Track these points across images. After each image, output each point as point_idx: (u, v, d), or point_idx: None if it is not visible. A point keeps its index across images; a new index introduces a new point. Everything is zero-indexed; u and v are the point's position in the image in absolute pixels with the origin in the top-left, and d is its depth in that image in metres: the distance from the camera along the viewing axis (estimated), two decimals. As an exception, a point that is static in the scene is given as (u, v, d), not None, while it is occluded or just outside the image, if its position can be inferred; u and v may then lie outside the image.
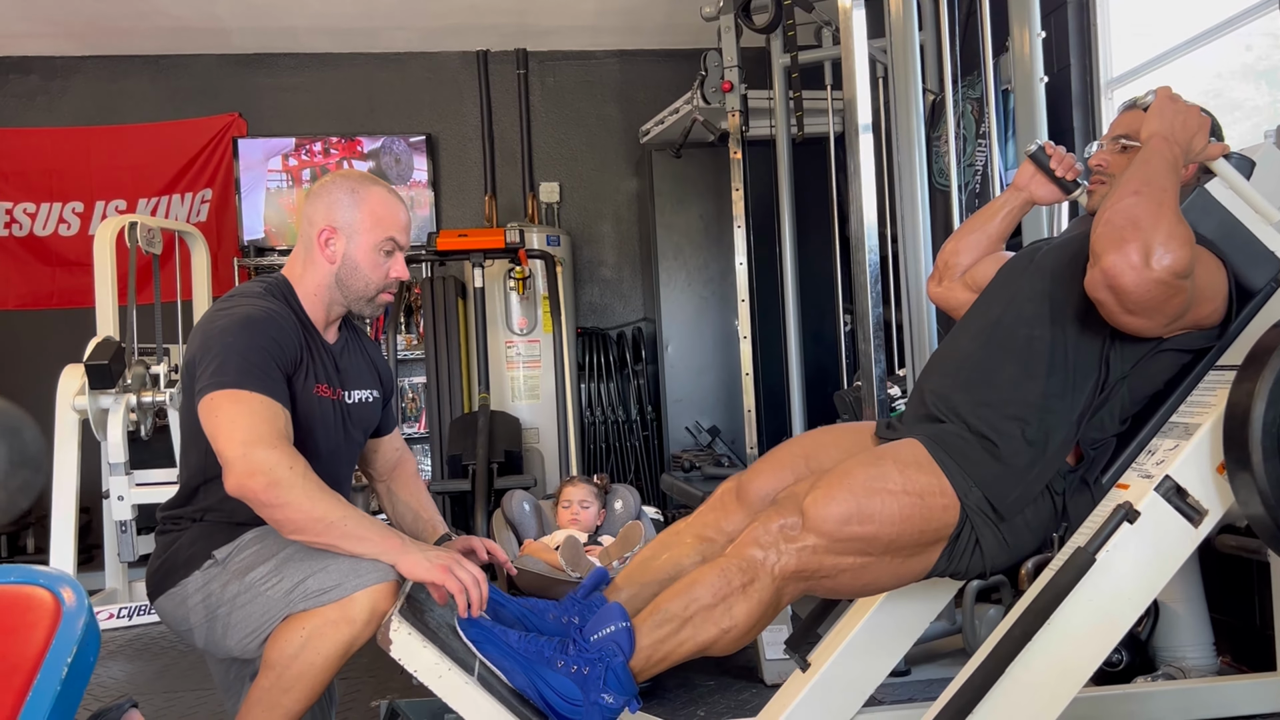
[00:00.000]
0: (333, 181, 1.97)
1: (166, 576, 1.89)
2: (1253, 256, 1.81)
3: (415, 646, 1.61)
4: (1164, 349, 1.76)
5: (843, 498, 1.66)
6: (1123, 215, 1.59)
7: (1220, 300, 1.75)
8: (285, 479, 1.67)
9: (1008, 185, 3.49)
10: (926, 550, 1.73)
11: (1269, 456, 1.55)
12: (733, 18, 4.49)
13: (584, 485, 3.27)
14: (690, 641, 1.67)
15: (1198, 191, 1.82)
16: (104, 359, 3.74)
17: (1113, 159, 1.97)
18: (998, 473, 1.73)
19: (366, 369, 2.09)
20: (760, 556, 1.66)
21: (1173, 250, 1.54)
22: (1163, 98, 1.79)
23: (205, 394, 1.75)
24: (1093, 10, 3.66)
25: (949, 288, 2.26)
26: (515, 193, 6.14)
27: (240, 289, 1.98)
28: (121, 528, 3.82)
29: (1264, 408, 1.56)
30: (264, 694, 1.71)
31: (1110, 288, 1.58)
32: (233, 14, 5.43)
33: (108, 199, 5.81)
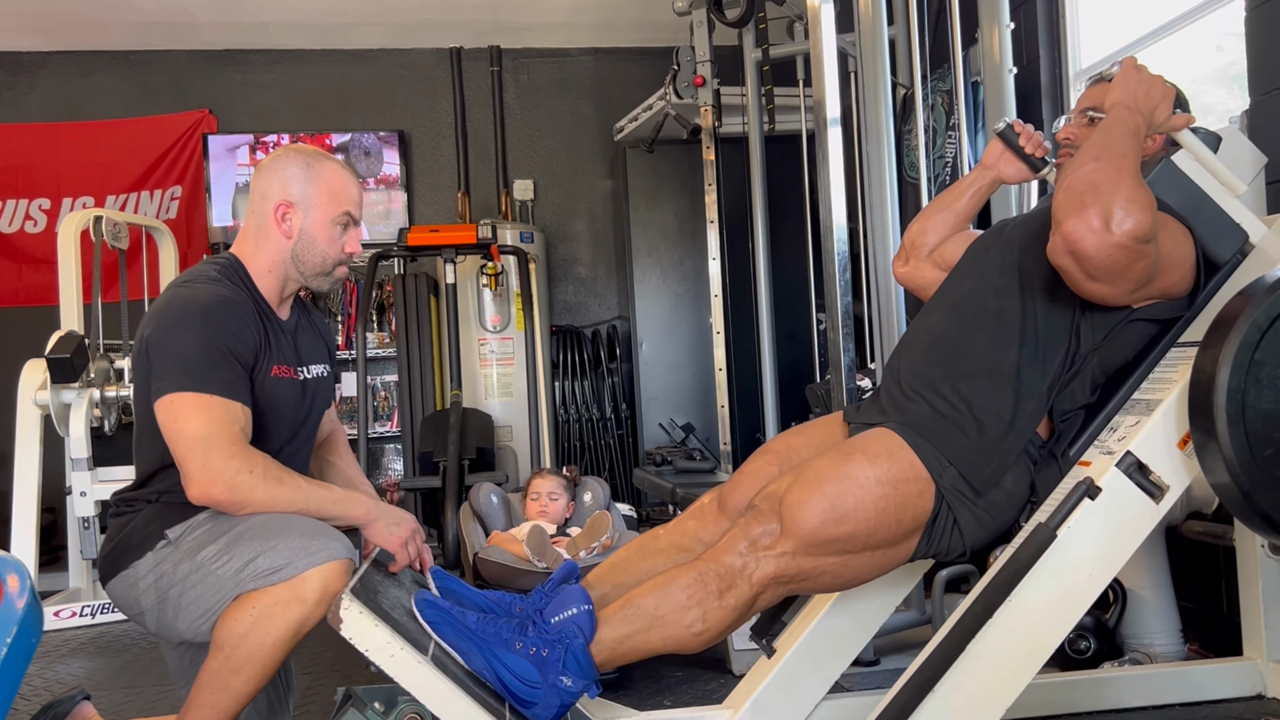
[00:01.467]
0: (285, 155, 1.94)
1: (120, 558, 1.85)
2: (1219, 228, 1.81)
3: (366, 625, 1.58)
4: (1134, 319, 1.75)
5: (816, 501, 1.66)
6: (1083, 181, 1.58)
7: (1188, 268, 1.75)
8: (245, 483, 1.72)
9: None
10: (905, 540, 1.72)
11: (1234, 423, 1.55)
12: (705, 12, 4.48)
13: (552, 477, 3.24)
14: (659, 639, 1.66)
15: (1163, 163, 1.82)
16: (66, 352, 3.68)
17: (1080, 132, 1.97)
18: (971, 448, 1.72)
19: (318, 344, 2.08)
20: (739, 564, 1.66)
21: (1134, 214, 1.53)
22: (1127, 67, 1.79)
23: (164, 394, 1.75)
24: (1061, 2, 3.68)
25: (916, 267, 2.24)
26: (489, 190, 6.11)
27: (194, 273, 1.94)
28: (85, 524, 3.77)
29: (1228, 374, 1.56)
30: (213, 675, 1.67)
31: (1071, 253, 1.57)
32: (203, 9, 5.38)
33: (75, 196, 5.74)
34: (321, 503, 1.80)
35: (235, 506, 1.74)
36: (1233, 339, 1.56)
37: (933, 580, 2.88)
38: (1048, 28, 3.72)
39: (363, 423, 4.60)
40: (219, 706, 1.68)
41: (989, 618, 1.64)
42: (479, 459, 4.47)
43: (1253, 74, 2.69)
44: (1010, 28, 3.24)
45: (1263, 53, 2.66)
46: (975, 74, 3.61)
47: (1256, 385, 1.56)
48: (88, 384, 3.89)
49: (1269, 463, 1.55)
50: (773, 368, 4.47)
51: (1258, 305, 1.57)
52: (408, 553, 1.88)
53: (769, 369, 4.48)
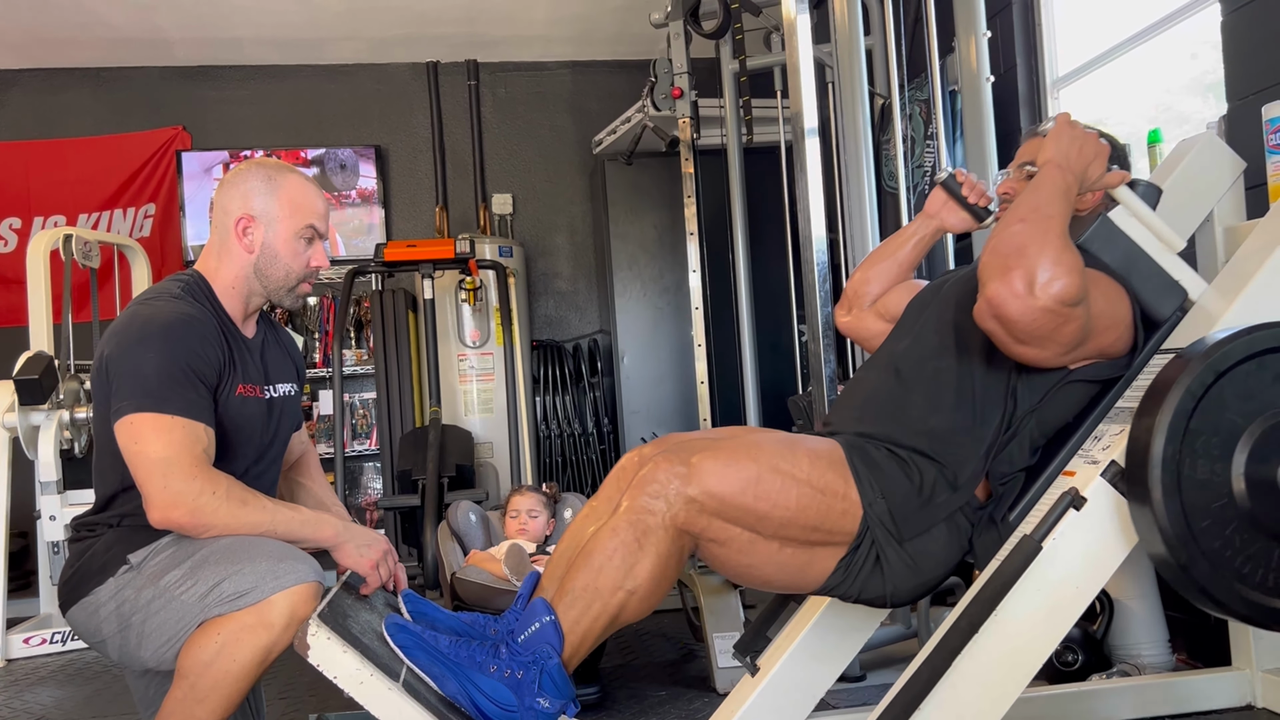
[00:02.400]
0: (247, 169, 1.90)
1: (80, 585, 1.80)
2: (1158, 286, 1.77)
3: (334, 652, 1.52)
4: (1071, 380, 1.71)
5: (746, 465, 1.61)
6: (1008, 243, 1.54)
7: (1124, 328, 1.71)
8: (208, 505, 1.68)
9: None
10: (819, 552, 1.67)
11: (1169, 495, 1.50)
12: (681, 24, 4.46)
13: (532, 495, 3.18)
14: (603, 613, 1.60)
15: (1100, 220, 1.78)
16: (34, 374, 3.61)
17: (1018, 186, 1.92)
18: (909, 492, 1.68)
19: (285, 362, 2.03)
20: (648, 505, 1.59)
21: (1059, 277, 1.49)
22: (1060, 124, 1.75)
23: (123, 415, 1.70)
24: (1037, 11, 3.68)
25: (858, 317, 2.20)
26: (467, 205, 6.07)
27: (156, 290, 1.89)
28: (54, 549, 3.68)
29: (1163, 444, 1.51)
30: (177, 705, 1.62)
31: (996, 317, 1.53)
32: (175, 25, 5.32)
33: (46, 214, 5.66)
34: (289, 524, 1.75)
35: (198, 530, 1.69)
36: (1167, 407, 1.52)
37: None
38: (1024, 36, 3.72)
39: (339, 441, 4.53)
40: (184, 737, 1.62)
41: (974, 633, 1.60)
42: (459, 476, 4.41)
43: (1229, 80, 2.68)
44: (987, 36, 3.23)
45: (1239, 59, 2.65)
46: (953, 83, 3.60)
47: (1192, 455, 1.52)
48: (57, 405, 3.82)
49: (1205, 534, 1.51)
50: (754, 380, 4.43)
51: (1191, 373, 1.53)
52: (379, 575, 1.83)
53: (751, 381, 4.45)
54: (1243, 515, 1.52)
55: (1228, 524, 1.52)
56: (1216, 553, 1.51)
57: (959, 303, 1.82)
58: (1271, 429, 1.53)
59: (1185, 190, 2.29)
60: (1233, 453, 1.54)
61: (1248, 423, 1.54)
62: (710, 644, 2.86)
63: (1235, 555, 1.52)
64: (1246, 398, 1.54)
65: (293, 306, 2.01)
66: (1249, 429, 1.54)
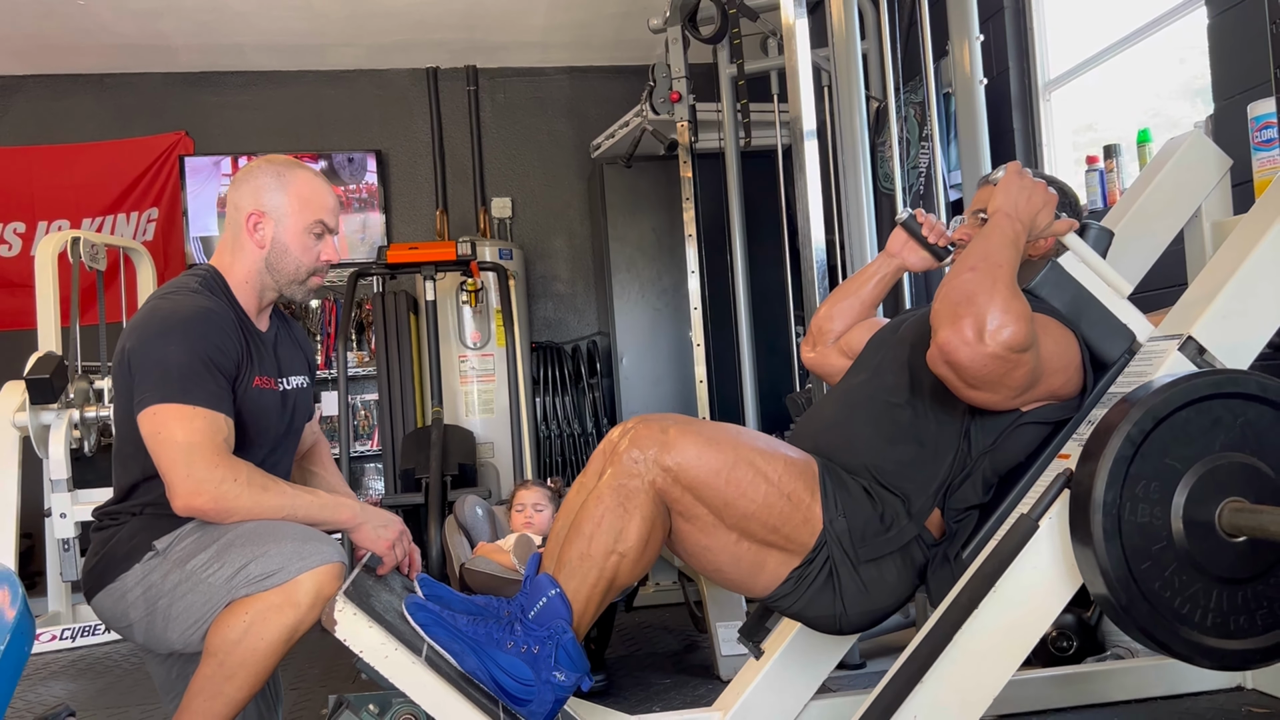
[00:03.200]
0: (258, 166, 1.95)
1: (105, 572, 1.84)
2: (1106, 329, 1.82)
3: (360, 626, 1.58)
4: (1024, 423, 1.76)
5: (723, 451, 1.68)
6: (958, 291, 1.59)
7: (1073, 370, 1.76)
8: (230, 492, 1.72)
9: (949, 186, 3.59)
10: (774, 555, 1.73)
11: (1110, 538, 1.54)
12: (680, 29, 4.54)
13: (538, 489, 3.24)
14: (600, 579, 1.66)
15: (1050, 265, 1.83)
16: (45, 373, 3.66)
17: (972, 232, 1.99)
18: (869, 516, 1.74)
19: (297, 355, 2.08)
20: (630, 469, 1.66)
21: (1008, 325, 1.54)
22: (1010, 174, 1.80)
23: (147, 405, 1.75)
24: (1029, 15, 3.76)
25: (822, 353, 2.27)
26: (467, 208, 6.14)
27: (175, 284, 1.94)
28: (64, 546, 3.73)
29: (1104, 489, 1.55)
30: (206, 682, 1.67)
31: (948, 363, 1.58)
32: (178, 32, 5.38)
33: (50, 219, 5.71)
34: (308, 508, 1.80)
35: (221, 515, 1.74)
36: (1108, 453, 1.56)
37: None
38: (1016, 40, 3.80)
39: (344, 441, 4.59)
40: (212, 713, 1.68)
41: (974, 608, 1.66)
42: (461, 475, 4.47)
43: (1216, 81, 2.76)
44: (980, 40, 3.30)
45: (1224, 61, 2.73)
46: (946, 85, 3.67)
47: (1133, 500, 1.56)
48: (67, 405, 3.87)
49: (1146, 576, 1.55)
50: (752, 379, 4.50)
51: (1131, 419, 1.57)
52: (395, 555, 1.88)
53: (749, 380, 4.51)
54: (1182, 557, 1.56)
55: (1167, 566, 1.56)
56: (1156, 594, 1.55)
57: (914, 344, 1.87)
58: (1209, 473, 1.57)
59: (1174, 187, 2.36)
60: (1172, 496, 1.57)
61: (1186, 467, 1.57)
62: (713, 632, 2.92)
63: (1175, 596, 1.56)
64: (1185, 443, 1.58)
65: (304, 299, 2.05)
66: (1187, 473, 1.57)
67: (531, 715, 1.65)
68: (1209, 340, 1.77)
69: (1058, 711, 2.32)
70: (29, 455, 3.91)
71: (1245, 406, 1.59)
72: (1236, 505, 1.56)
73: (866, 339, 2.11)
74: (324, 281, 2.04)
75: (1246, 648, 1.58)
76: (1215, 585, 1.57)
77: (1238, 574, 1.57)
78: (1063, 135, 3.75)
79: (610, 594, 1.70)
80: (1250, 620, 1.58)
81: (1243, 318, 1.79)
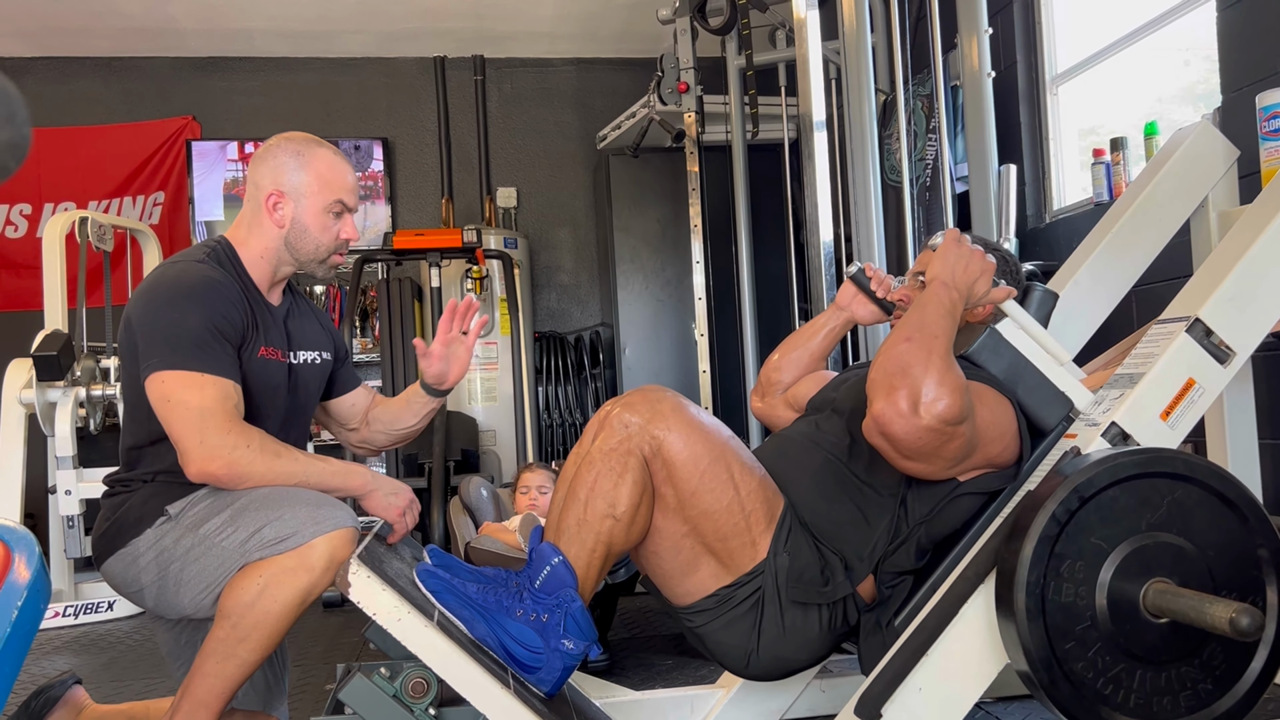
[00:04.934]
0: (278, 145, 1.94)
1: (116, 537, 1.85)
2: (1044, 397, 1.81)
3: (374, 589, 1.60)
4: (961, 493, 1.76)
5: (708, 447, 1.70)
6: (894, 361, 1.59)
7: (1009, 438, 1.75)
8: (243, 458, 1.73)
9: (956, 179, 3.60)
10: (708, 562, 1.74)
11: (1033, 618, 1.54)
12: (688, 20, 4.56)
13: (542, 471, 3.25)
14: (598, 543, 1.67)
15: (989, 332, 1.83)
16: (52, 350, 3.67)
17: (912, 294, 1.99)
18: (811, 563, 1.75)
19: (316, 331, 2.07)
20: (619, 432, 1.68)
21: (943, 398, 1.53)
22: (948, 241, 1.79)
23: (154, 371, 1.75)
24: (1037, 8, 3.78)
25: (770, 405, 2.26)
26: (472, 197, 6.15)
27: (182, 254, 1.94)
28: (69, 523, 3.75)
29: (1028, 569, 1.54)
30: (219, 644, 1.68)
31: (882, 434, 1.58)
32: (188, 16, 5.40)
33: (57, 201, 5.73)
34: (320, 475, 1.80)
35: (234, 481, 1.74)
36: (1033, 531, 1.55)
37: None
38: (1024, 33, 3.82)
39: (348, 425, 4.60)
40: (224, 675, 1.69)
41: (980, 583, 1.68)
42: (464, 461, 4.49)
43: (1224, 73, 2.78)
44: (988, 33, 3.32)
45: (1232, 52, 2.75)
46: (954, 78, 3.70)
47: (1057, 579, 1.55)
48: (73, 383, 3.88)
49: (1069, 656, 1.54)
50: (755, 371, 4.53)
51: (1057, 498, 1.56)
52: (405, 522, 1.90)
53: (752, 372, 4.54)
54: (1106, 637, 1.55)
55: (1091, 646, 1.55)
56: (1079, 674, 1.54)
57: (853, 409, 1.87)
58: (1135, 552, 1.56)
59: (1181, 176, 2.38)
60: (1097, 576, 1.56)
61: (1112, 546, 1.57)
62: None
63: (1098, 677, 1.55)
64: (1112, 522, 1.57)
65: (325, 277, 2.06)
66: (1113, 553, 1.56)
67: (540, 683, 1.67)
68: (1216, 323, 1.79)
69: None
70: (32, 436, 3.92)
71: (1173, 486, 1.58)
72: (1161, 586, 1.54)
73: (813, 391, 2.11)
74: (345, 260, 2.05)
75: None
76: (1139, 666, 1.55)
77: (1162, 655, 1.55)
78: (1069, 128, 3.77)
79: (609, 559, 1.71)
80: (1174, 702, 1.56)
81: (1250, 301, 1.81)
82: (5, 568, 1.62)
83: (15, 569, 1.60)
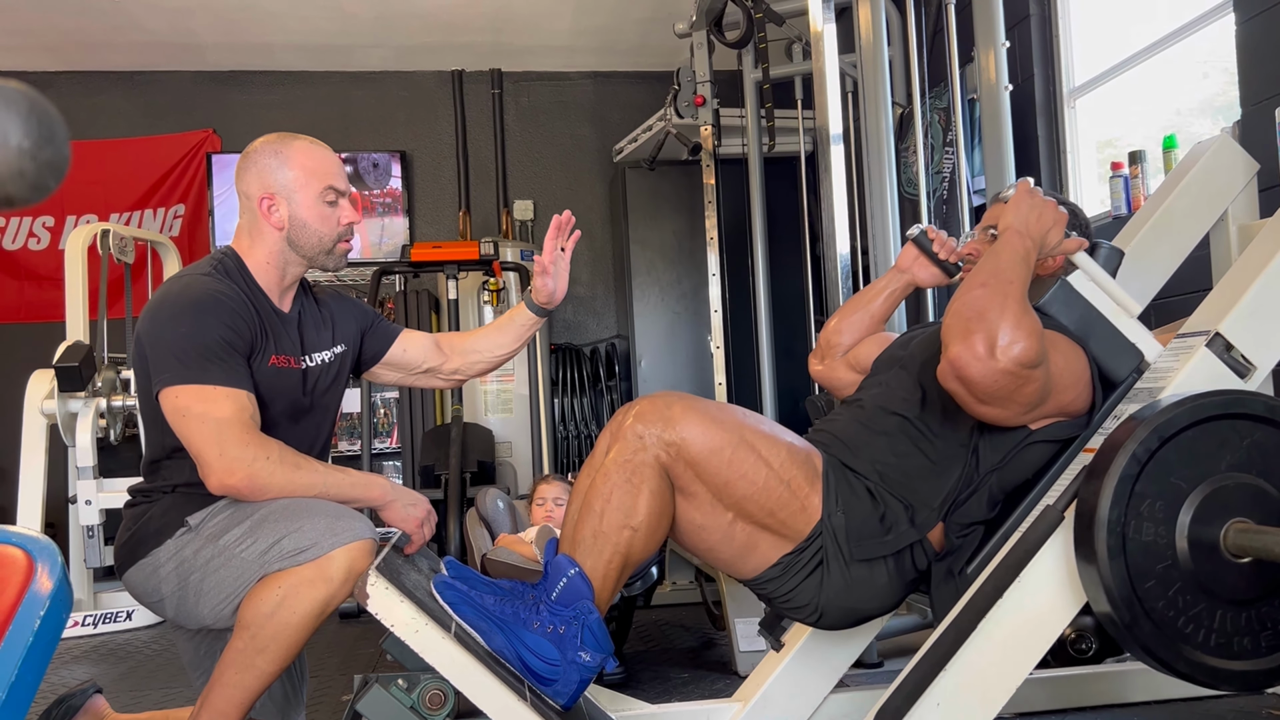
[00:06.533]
0: (256, 150, 1.94)
1: (138, 547, 1.86)
2: (1114, 348, 1.82)
3: (392, 601, 1.61)
4: (1033, 441, 1.76)
5: (726, 433, 1.69)
6: (970, 307, 1.60)
7: (1083, 386, 1.76)
8: (263, 470, 1.74)
9: (973, 192, 3.60)
10: (766, 539, 1.74)
11: (1114, 557, 1.54)
12: (705, 34, 4.57)
13: (559, 482, 3.26)
14: (615, 554, 1.67)
15: (1059, 284, 1.84)
16: (74, 361, 3.70)
17: (981, 248, 1.99)
18: (869, 515, 1.75)
19: (324, 330, 2.06)
20: (634, 444, 1.67)
21: (1019, 340, 1.54)
22: (1020, 192, 1.80)
23: (166, 386, 1.76)
24: (1055, 21, 3.77)
25: (830, 367, 2.27)
26: (490, 210, 6.18)
27: (188, 269, 1.94)
28: (89, 533, 3.77)
29: (1109, 508, 1.55)
30: (237, 655, 1.69)
31: (959, 378, 1.59)
32: (208, 30, 5.45)
33: (79, 213, 5.79)
34: (339, 486, 1.82)
35: (255, 493, 1.75)
36: (1113, 471, 1.55)
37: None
38: (1042, 46, 3.81)
39: (366, 438, 4.62)
40: (243, 685, 1.70)
41: (999, 597, 1.67)
42: (480, 472, 4.49)
43: (1243, 86, 2.77)
44: (1006, 46, 3.32)
45: (1252, 66, 2.74)
46: (971, 91, 3.69)
47: (1137, 518, 1.55)
48: (94, 394, 3.92)
49: (1149, 595, 1.54)
50: (771, 383, 4.52)
51: (1137, 438, 1.56)
52: (423, 533, 1.91)
53: (768, 384, 4.53)
54: (1186, 577, 1.55)
55: (1171, 585, 1.55)
56: (1160, 613, 1.55)
57: (924, 361, 1.88)
58: (1214, 493, 1.56)
59: (1200, 190, 2.37)
60: (1177, 516, 1.56)
61: (1191, 487, 1.57)
62: (731, 628, 2.93)
63: (1178, 616, 1.55)
64: (1191, 463, 1.57)
65: (336, 268, 2.04)
66: (1193, 493, 1.56)
67: (556, 695, 1.67)
68: (1236, 337, 1.77)
69: (1077, 711, 2.32)
70: (53, 446, 3.95)
71: (1253, 428, 1.59)
72: (1242, 526, 1.54)
73: (876, 353, 2.12)
74: (351, 246, 2.03)
75: (1250, 669, 1.56)
76: (1219, 606, 1.55)
77: (1242, 595, 1.56)
78: (1087, 141, 3.76)
79: (626, 570, 1.71)
80: (1254, 642, 1.56)
81: (1272, 315, 1.79)
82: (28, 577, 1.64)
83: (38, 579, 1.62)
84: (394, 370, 2.22)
